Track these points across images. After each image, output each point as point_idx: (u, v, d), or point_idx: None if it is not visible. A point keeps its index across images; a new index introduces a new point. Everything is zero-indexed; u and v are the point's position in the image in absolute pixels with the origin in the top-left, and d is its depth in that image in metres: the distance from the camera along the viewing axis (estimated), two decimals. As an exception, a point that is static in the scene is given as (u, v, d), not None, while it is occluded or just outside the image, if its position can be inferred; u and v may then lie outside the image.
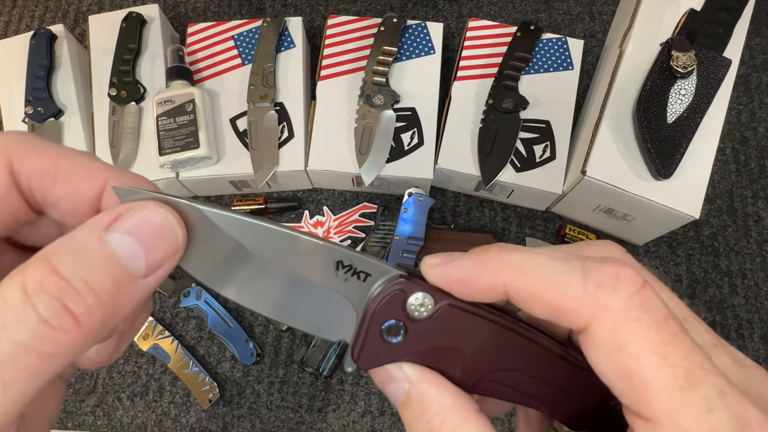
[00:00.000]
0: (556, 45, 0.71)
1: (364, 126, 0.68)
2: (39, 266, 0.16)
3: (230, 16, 0.84)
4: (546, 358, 0.21)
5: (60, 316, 0.15)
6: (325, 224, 0.73)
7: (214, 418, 0.67)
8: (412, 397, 0.21)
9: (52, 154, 0.18)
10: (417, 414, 0.20)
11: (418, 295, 0.21)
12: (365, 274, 0.21)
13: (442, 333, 0.21)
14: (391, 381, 0.21)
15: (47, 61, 0.70)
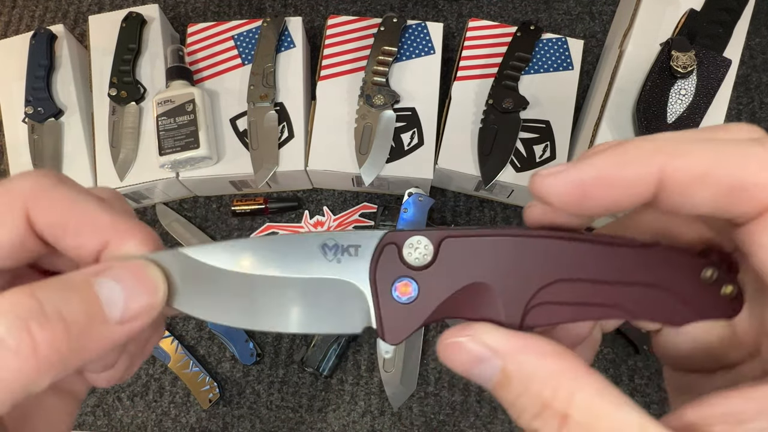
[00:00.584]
0: (556, 45, 0.71)
1: (364, 126, 0.68)
2: (20, 290, 0.16)
3: (230, 16, 0.84)
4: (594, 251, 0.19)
5: (18, 337, 0.15)
6: (325, 224, 0.73)
7: (214, 418, 0.67)
8: (510, 373, 0.18)
9: (66, 207, 0.19)
10: (521, 390, 0.17)
11: (411, 240, 0.19)
12: (353, 246, 0.20)
13: (456, 272, 0.19)
14: (477, 362, 0.18)
15: (47, 61, 0.70)
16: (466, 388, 0.66)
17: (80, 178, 0.68)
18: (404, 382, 0.65)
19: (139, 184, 0.68)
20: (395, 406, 0.65)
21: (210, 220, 0.74)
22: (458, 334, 0.19)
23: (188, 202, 0.75)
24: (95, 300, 0.17)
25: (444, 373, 0.67)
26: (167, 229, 0.72)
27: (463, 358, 0.18)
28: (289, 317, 0.20)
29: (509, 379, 0.18)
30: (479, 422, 0.65)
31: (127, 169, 0.68)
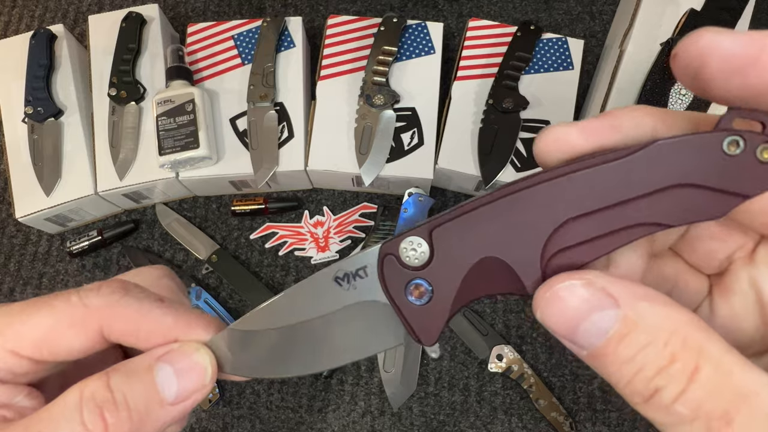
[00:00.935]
0: (556, 45, 0.71)
1: (364, 126, 0.68)
2: (99, 379, 0.20)
3: (230, 16, 0.83)
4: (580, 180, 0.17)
5: (95, 422, 0.20)
6: (325, 224, 0.73)
7: (214, 418, 0.67)
8: (633, 322, 0.16)
9: (134, 320, 0.22)
10: (646, 341, 0.16)
11: (403, 245, 0.19)
12: (361, 269, 0.21)
13: (458, 257, 0.19)
14: (592, 311, 0.16)
15: (47, 61, 0.70)
16: (466, 388, 0.66)
17: (80, 178, 0.68)
18: (404, 382, 0.65)
19: (139, 184, 0.68)
20: (395, 406, 0.65)
21: (210, 220, 0.74)
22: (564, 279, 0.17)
23: (188, 202, 0.75)
24: (154, 386, 0.21)
25: (444, 373, 0.67)
26: (167, 229, 0.72)
27: (576, 305, 0.17)
28: (334, 351, 0.22)
29: (633, 329, 0.16)
30: (479, 422, 0.65)
31: (126, 169, 0.68)
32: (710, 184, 0.17)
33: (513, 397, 0.66)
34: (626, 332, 0.16)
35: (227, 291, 0.71)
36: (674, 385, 0.15)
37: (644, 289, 0.17)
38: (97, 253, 0.73)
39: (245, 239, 0.73)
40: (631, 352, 0.16)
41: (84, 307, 0.22)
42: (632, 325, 0.16)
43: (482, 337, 0.66)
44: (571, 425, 0.64)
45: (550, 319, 0.17)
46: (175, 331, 0.22)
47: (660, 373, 0.15)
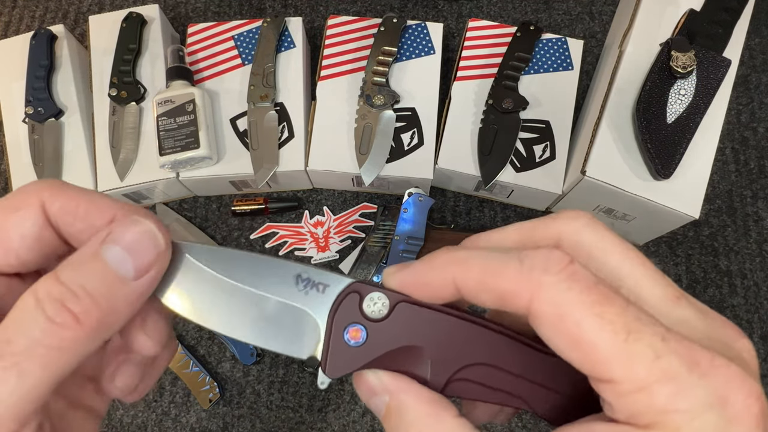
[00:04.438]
0: (556, 45, 0.71)
1: (364, 126, 0.68)
2: (48, 278, 0.20)
3: (230, 16, 0.84)
4: (512, 348, 0.22)
5: (62, 315, 0.19)
6: (325, 224, 0.73)
7: (214, 418, 0.67)
8: (391, 409, 0.21)
9: (75, 195, 0.22)
10: (395, 425, 0.21)
11: (372, 295, 0.22)
12: (323, 285, 0.23)
13: (402, 332, 0.22)
14: (372, 395, 0.22)
15: (47, 62, 0.70)
16: (466, 387, 0.66)
17: (80, 178, 0.68)
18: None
19: (139, 184, 0.68)
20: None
21: (210, 220, 0.74)
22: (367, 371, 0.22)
23: (188, 202, 0.75)
24: (107, 268, 0.20)
25: (444, 373, 0.67)
26: (167, 229, 0.72)
27: (363, 388, 0.22)
28: (248, 327, 0.23)
29: (390, 414, 0.21)
30: (479, 422, 0.65)
31: (127, 169, 0.68)
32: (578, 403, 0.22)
33: (513, 397, 0.66)
34: (388, 415, 0.21)
35: (227, 291, 0.71)
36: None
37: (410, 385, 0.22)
38: (98, 253, 0.73)
39: (245, 239, 0.73)
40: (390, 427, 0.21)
41: (22, 191, 0.22)
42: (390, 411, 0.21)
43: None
44: (570, 425, 0.64)
45: (357, 391, 0.23)
46: (113, 208, 0.22)
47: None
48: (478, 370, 0.22)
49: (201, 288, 0.23)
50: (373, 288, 0.22)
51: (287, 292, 0.23)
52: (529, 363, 0.22)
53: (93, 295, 0.20)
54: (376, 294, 0.22)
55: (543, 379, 0.22)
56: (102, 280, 0.20)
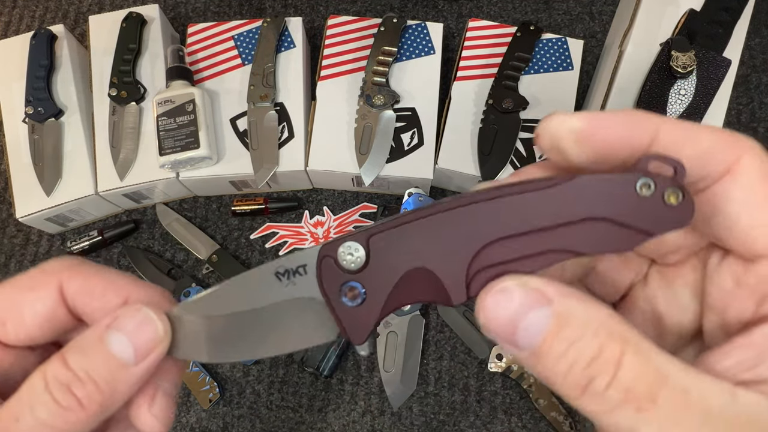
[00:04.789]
0: (556, 45, 0.71)
1: (364, 126, 0.68)
2: (57, 361, 0.21)
3: (230, 16, 0.84)
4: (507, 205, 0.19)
5: (68, 399, 0.21)
6: (325, 224, 0.73)
7: (214, 418, 0.67)
8: (563, 318, 0.17)
9: (92, 274, 0.23)
10: (576, 336, 0.17)
11: (341, 250, 0.21)
12: (301, 267, 0.22)
13: (391, 264, 0.20)
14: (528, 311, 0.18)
15: (47, 61, 0.70)
16: (466, 387, 0.66)
17: (80, 178, 0.68)
18: (404, 382, 0.65)
19: (139, 184, 0.68)
20: (395, 406, 0.65)
21: (210, 220, 0.74)
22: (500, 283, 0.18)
23: (188, 202, 0.75)
24: (110, 354, 0.22)
25: (444, 373, 0.67)
26: (167, 229, 0.72)
27: (513, 306, 0.18)
28: (265, 343, 0.23)
29: (565, 325, 0.17)
30: (479, 422, 0.65)
31: (127, 169, 0.68)
32: (621, 220, 0.18)
33: (513, 397, 0.66)
34: (559, 328, 0.17)
35: (227, 291, 0.71)
36: (605, 373, 0.17)
37: (571, 288, 0.18)
38: (98, 253, 0.73)
39: (245, 239, 0.73)
40: (564, 346, 0.17)
41: (41, 271, 0.23)
42: (564, 321, 0.17)
43: (482, 337, 0.66)
44: (570, 425, 0.64)
45: (491, 322, 0.18)
46: (128, 288, 0.23)
47: (591, 363, 0.17)
48: (495, 250, 0.19)
49: (207, 333, 0.23)
50: (338, 242, 0.21)
51: (276, 293, 0.22)
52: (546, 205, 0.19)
53: (96, 381, 0.21)
54: (344, 246, 0.20)
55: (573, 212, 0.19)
56: (105, 366, 0.21)
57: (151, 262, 0.71)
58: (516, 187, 0.19)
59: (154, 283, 0.69)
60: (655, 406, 0.16)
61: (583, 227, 0.19)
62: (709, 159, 0.19)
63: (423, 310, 0.68)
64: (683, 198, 0.18)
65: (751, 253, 0.19)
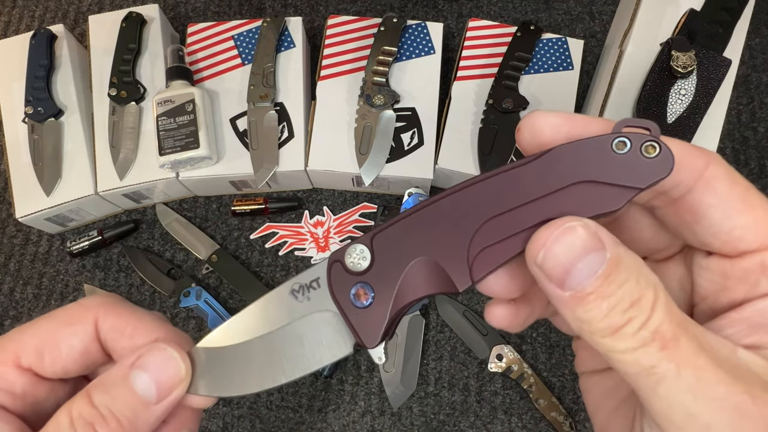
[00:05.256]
0: (556, 45, 0.71)
1: (364, 126, 0.68)
2: (82, 398, 0.22)
3: (230, 16, 0.84)
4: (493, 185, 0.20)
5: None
6: (325, 224, 0.73)
7: (214, 418, 0.67)
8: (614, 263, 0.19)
9: (125, 315, 0.24)
10: (623, 280, 0.19)
11: (348, 252, 0.21)
12: (314, 281, 0.22)
13: (394, 261, 0.21)
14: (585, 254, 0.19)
15: (47, 61, 0.70)
16: (466, 387, 0.66)
17: (80, 178, 0.68)
18: (404, 382, 0.65)
19: (139, 184, 0.68)
20: (395, 406, 0.65)
21: (210, 220, 0.74)
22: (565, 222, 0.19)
23: (188, 202, 0.75)
24: (134, 393, 0.22)
25: (444, 373, 0.67)
26: (167, 229, 0.72)
27: (578, 245, 0.19)
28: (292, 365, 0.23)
29: (615, 269, 0.19)
30: (479, 422, 0.65)
31: (127, 169, 0.68)
32: (606, 180, 0.19)
33: (513, 397, 0.66)
34: (610, 271, 0.19)
35: (227, 291, 0.71)
36: (642, 315, 0.18)
37: (615, 237, 0.20)
38: (98, 253, 0.73)
39: (245, 239, 0.73)
40: (612, 288, 0.19)
41: (80, 306, 0.24)
42: (615, 265, 0.19)
43: (482, 337, 0.66)
44: (571, 425, 0.64)
45: (552, 258, 0.19)
46: (157, 332, 0.24)
47: (633, 306, 0.18)
48: (490, 229, 0.20)
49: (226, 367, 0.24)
50: (345, 246, 0.21)
51: (294, 311, 0.23)
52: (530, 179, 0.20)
53: (119, 419, 0.22)
54: (350, 249, 0.21)
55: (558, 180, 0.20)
56: (128, 404, 0.22)
57: (150, 262, 0.71)
58: (502, 167, 0.20)
59: (154, 282, 0.70)
60: (677, 346, 0.18)
61: (571, 192, 0.20)
62: (680, 168, 0.20)
63: (423, 311, 0.68)
64: (660, 149, 0.19)
65: (735, 251, 0.21)
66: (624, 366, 0.19)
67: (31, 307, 0.71)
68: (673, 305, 0.19)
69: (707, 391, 0.18)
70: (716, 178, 0.20)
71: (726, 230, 0.20)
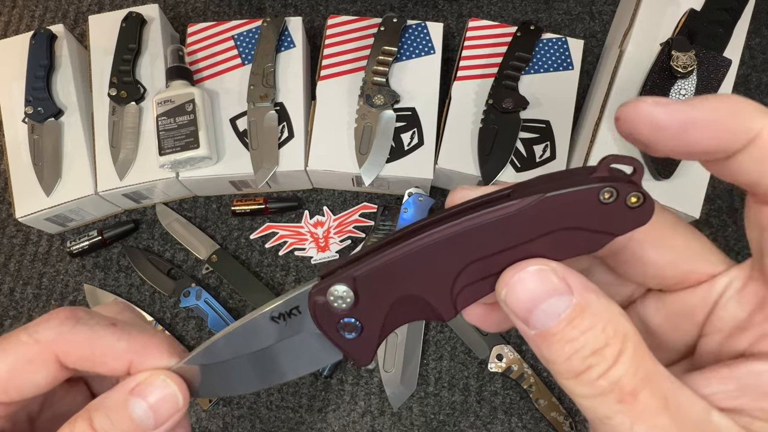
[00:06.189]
0: (556, 45, 0.71)
1: (364, 126, 0.68)
2: (83, 421, 0.23)
3: (230, 16, 0.84)
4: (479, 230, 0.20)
5: None
6: (325, 224, 0.73)
7: (214, 418, 0.67)
8: (579, 308, 0.19)
9: (87, 345, 0.24)
10: (587, 326, 0.18)
11: (330, 292, 0.21)
12: (294, 308, 0.23)
13: (380, 297, 0.21)
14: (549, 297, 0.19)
15: (47, 61, 0.70)
16: (466, 388, 0.66)
17: (80, 178, 0.68)
18: (404, 382, 0.65)
19: (139, 184, 0.68)
20: (395, 406, 0.65)
21: (210, 220, 0.74)
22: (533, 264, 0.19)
23: (188, 202, 0.75)
24: (132, 420, 0.23)
25: (444, 373, 0.67)
26: (167, 229, 0.72)
27: (540, 288, 0.19)
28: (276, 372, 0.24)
29: (580, 315, 0.19)
30: (479, 422, 0.65)
31: (127, 169, 0.68)
32: (589, 227, 0.20)
33: (513, 397, 0.66)
34: (574, 316, 0.19)
35: (227, 291, 0.71)
36: (603, 364, 0.18)
37: (590, 282, 0.19)
38: (97, 253, 0.73)
39: (245, 239, 0.73)
40: (575, 333, 0.18)
41: (35, 343, 0.23)
42: (580, 311, 0.19)
43: (482, 337, 0.66)
44: (570, 425, 0.64)
45: (514, 298, 0.20)
46: (129, 355, 0.24)
47: (595, 354, 0.18)
48: (474, 269, 0.21)
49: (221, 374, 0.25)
50: (325, 286, 0.21)
51: (276, 333, 0.23)
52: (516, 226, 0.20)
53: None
54: (331, 290, 0.21)
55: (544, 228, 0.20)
56: (126, 430, 0.23)
57: (150, 262, 0.71)
58: (487, 211, 0.20)
59: (154, 282, 0.69)
60: (635, 401, 0.18)
61: (553, 237, 0.20)
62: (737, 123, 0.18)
63: (423, 310, 0.68)
64: (644, 200, 0.19)
65: None
66: (583, 410, 0.19)
67: (31, 307, 0.71)
68: (644, 359, 0.18)
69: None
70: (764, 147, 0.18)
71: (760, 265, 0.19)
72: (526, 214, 0.20)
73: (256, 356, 0.24)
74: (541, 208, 0.19)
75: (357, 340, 0.22)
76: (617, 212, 0.19)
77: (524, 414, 0.65)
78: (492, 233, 0.20)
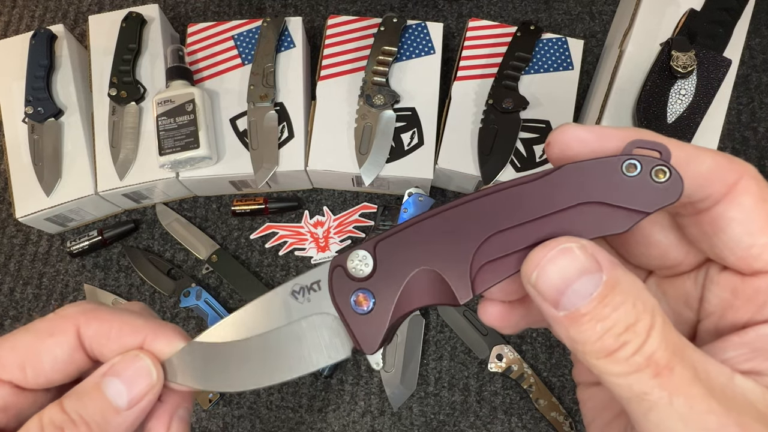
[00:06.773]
0: (556, 45, 0.71)
1: (364, 126, 0.68)
2: (54, 406, 0.23)
3: (230, 16, 0.84)
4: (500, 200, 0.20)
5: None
6: (325, 224, 0.73)
7: (214, 418, 0.67)
8: (610, 286, 0.18)
9: (108, 318, 0.24)
10: (619, 303, 0.18)
11: (350, 257, 0.21)
12: (315, 283, 0.22)
13: (398, 269, 0.21)
14: (580, 276, 0.19)
15: (47, 61, 0.70)
16: (466, 388, 0.66)
17: (80, 178, 0.68)
18: (404, 382, 0.65)
19: (139, 184, 0.68)
20: (395, 406, 0.65)
21: (210, 220, 0.74)
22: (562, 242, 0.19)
23: (188, 202, 0.75)
24: (105, 398, 0.23)
25: (444, 373, 0.67)
26: (167, 229, 0.72)
27: (572, 267, 0.19)
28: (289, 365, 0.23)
29: (611, 292, 0.18)
30: (479, 422, 0.65)
31: (127, 169, 0.68)
32: (613, 202, 0.19)
33: (513, 397, 0.66)
34: (606, 294, 0.18)
35: (227, 291, 0.71)
36: (637, 340, 0.18)
37: (614, 258, 0.19)
38: (98, 253, 0.73)
39: (245, 239, 0.73)
40: (607, 311, 0.18)
41: (60, 317, 0.24)
42: (611, 288, 0.19)
43: (482, 336, 0.66)
44: (570, 425, 0.64)
45: (545, 279, 0.19)
46: (145, 330, 0.24)
47: (628, 330, 0.18)
48: (494, 244, 0.20)
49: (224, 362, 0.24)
50: (348, 252, 0.21)
51: (293, 312, 0.23)
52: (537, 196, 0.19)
53: (88, 423, 0.22)
54: (352, 254, 0.21)
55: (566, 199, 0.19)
56: (98, 410, 0.23)
57: (150, 262, 0.71)
58: (509, 182, 0.20)
59: (154, 282, 0.69)
60: (671, 374, 0.18)
61: (578, 212, 0.19)
62: (712, 180, 0.20)
63: (423, 311, 0.68)
64: (671, 175, 0.19)
65: (750, 269, 0.20)
66: (616, 389, 0.19)
67: (31, 307, 0.71)
68: (670, 331, 0.19)
69: (698, 421, 0.18)
70: (745, 192, 0.20)
71: (744, 246, 0.20)
72: (548, 184, 0.19)
73: (264, 339, 0.23)
74: (563, 178, 0.19)
75: (367, 318, 0.21)
76: (643, 187, 0.19)
77: (524, 414, 0.65)
78: (513, 202, 0.19)
